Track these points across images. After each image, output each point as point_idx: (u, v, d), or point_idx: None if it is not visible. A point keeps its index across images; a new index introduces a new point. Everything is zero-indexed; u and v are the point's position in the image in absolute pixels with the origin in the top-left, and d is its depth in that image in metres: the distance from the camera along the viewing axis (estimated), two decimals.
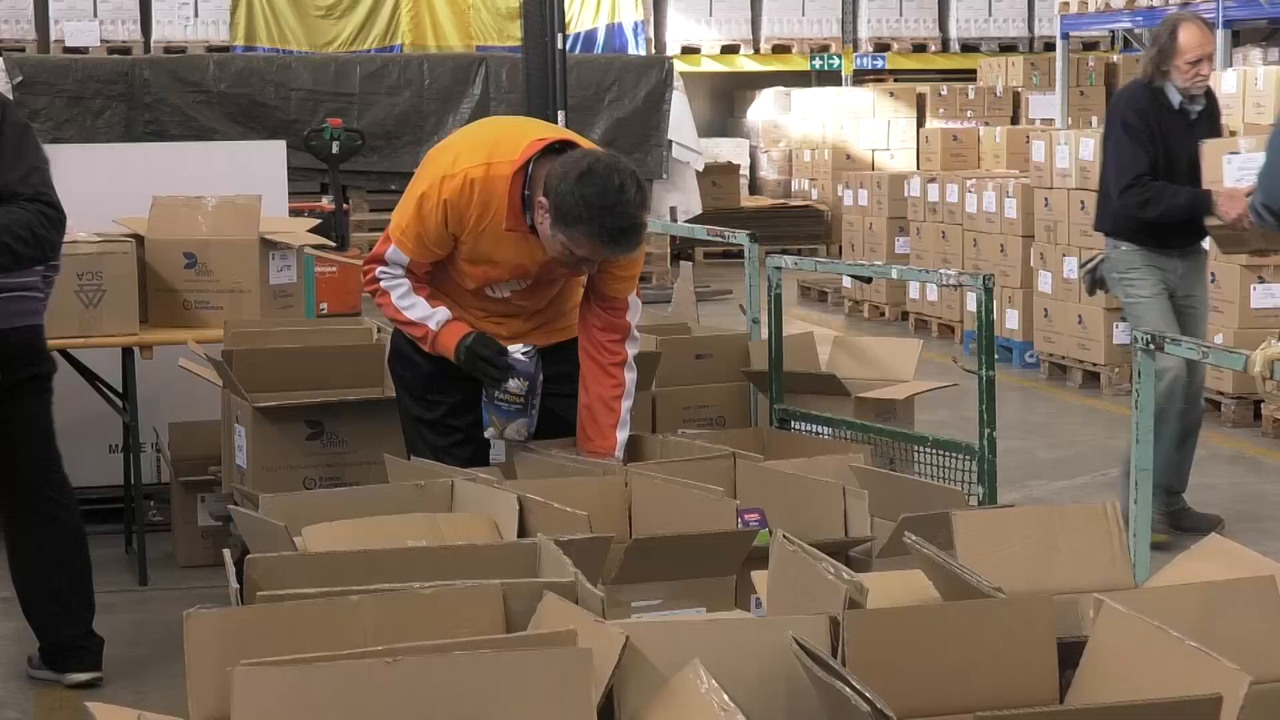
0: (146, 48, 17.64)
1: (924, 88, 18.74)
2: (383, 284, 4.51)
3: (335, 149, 12.22)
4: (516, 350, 4.50)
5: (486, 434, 4.55)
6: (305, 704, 2.34)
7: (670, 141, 14.08)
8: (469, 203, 4.33)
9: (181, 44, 17.67)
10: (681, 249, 15.83)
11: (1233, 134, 8.48)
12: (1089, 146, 9.81)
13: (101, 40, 17.55)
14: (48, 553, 4.88)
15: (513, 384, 4.47)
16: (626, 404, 4.53)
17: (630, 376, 4.56)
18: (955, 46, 19.86)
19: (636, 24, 19.08)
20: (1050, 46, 17.36)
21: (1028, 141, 11.24)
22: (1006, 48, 19.65)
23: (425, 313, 4.49)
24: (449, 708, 2.35)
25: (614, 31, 19.04)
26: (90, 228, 5.97)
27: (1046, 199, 10.30)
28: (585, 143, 4.47)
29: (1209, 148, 6.48)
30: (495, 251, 4.42)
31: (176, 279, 6.09)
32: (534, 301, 4.62)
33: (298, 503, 3.81)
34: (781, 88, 19.49)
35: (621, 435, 4.49)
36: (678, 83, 14.28)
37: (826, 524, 3.89)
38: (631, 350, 4.58)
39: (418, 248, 4.43)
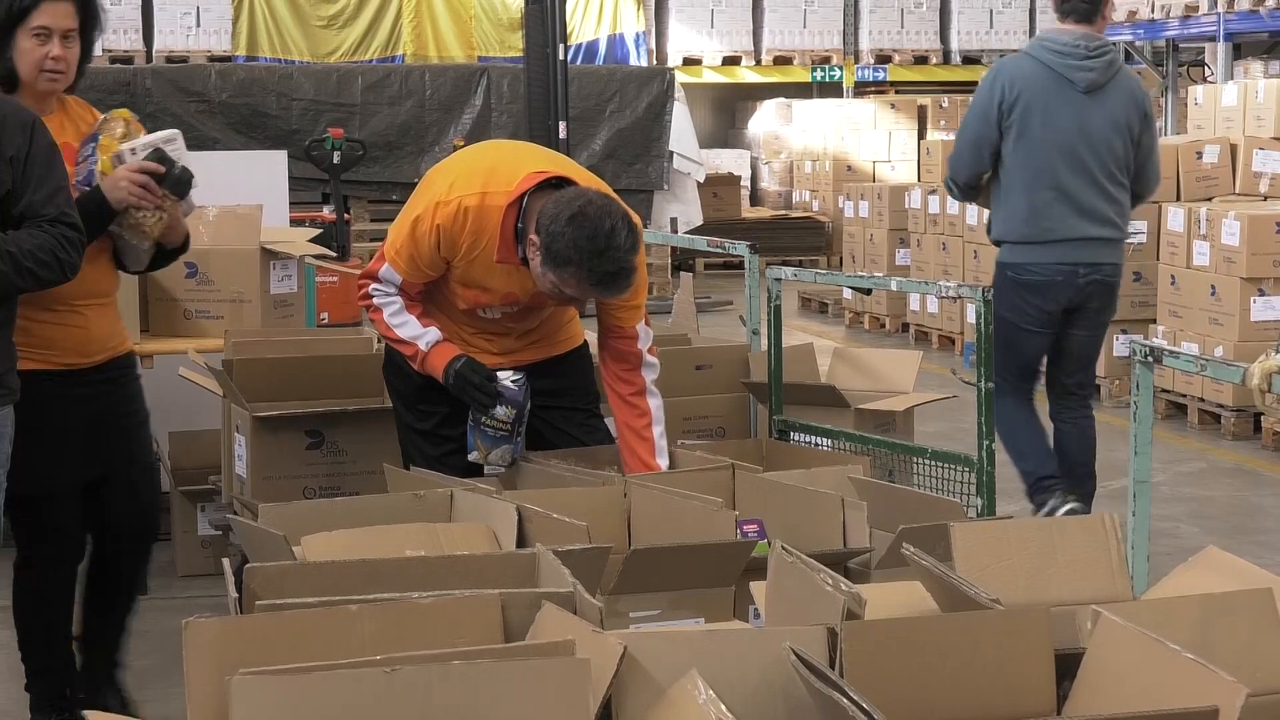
0: (148, 57, 17.65)
1: (925, 99, 18.75)
2: (375, 300, 4.54)
3: (336, 159, 12.22)
4: (506, 377, 4.50)
5: (470, 458, 4.53)
6: (303, 713, 2.34)
7: (671, 152, 14.09)
8: (462, 230, 4.35)
9: (183, 54, 17.69)
10: (682, 260, 15.85)
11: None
12: None
13: (103, 50, 17.53)
14: None
15: (500, 411, 4.46)
16: (658, 429, 4.56)
17: (654, 402, 4.59)
18: (956, 58, 19.86)
19: (638, 35, 19.10)
20: None
21: None
22: None
23: (416, 332, 4.51)
24: (447, 717, 2.36)
25: (615, 42, 19.06)
26: None
27: None
28: (584, 175, 4.47)
29: None
30: (486, 279, 4.43)
31: (177, 288, 6.09)
32: (525, 323, 4.63)
33: (297, 512, 3.82)
34: (783, 99, 19.50)
35: (663, 461, 4.53)
36: (679, 94, 14.29)
37: (825, 535, 3.89)
38: (649, 376, 4.61)
39: (410, 268, 4.45)
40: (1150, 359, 4.20)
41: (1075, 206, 6.13)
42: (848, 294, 13.48)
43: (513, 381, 4.50)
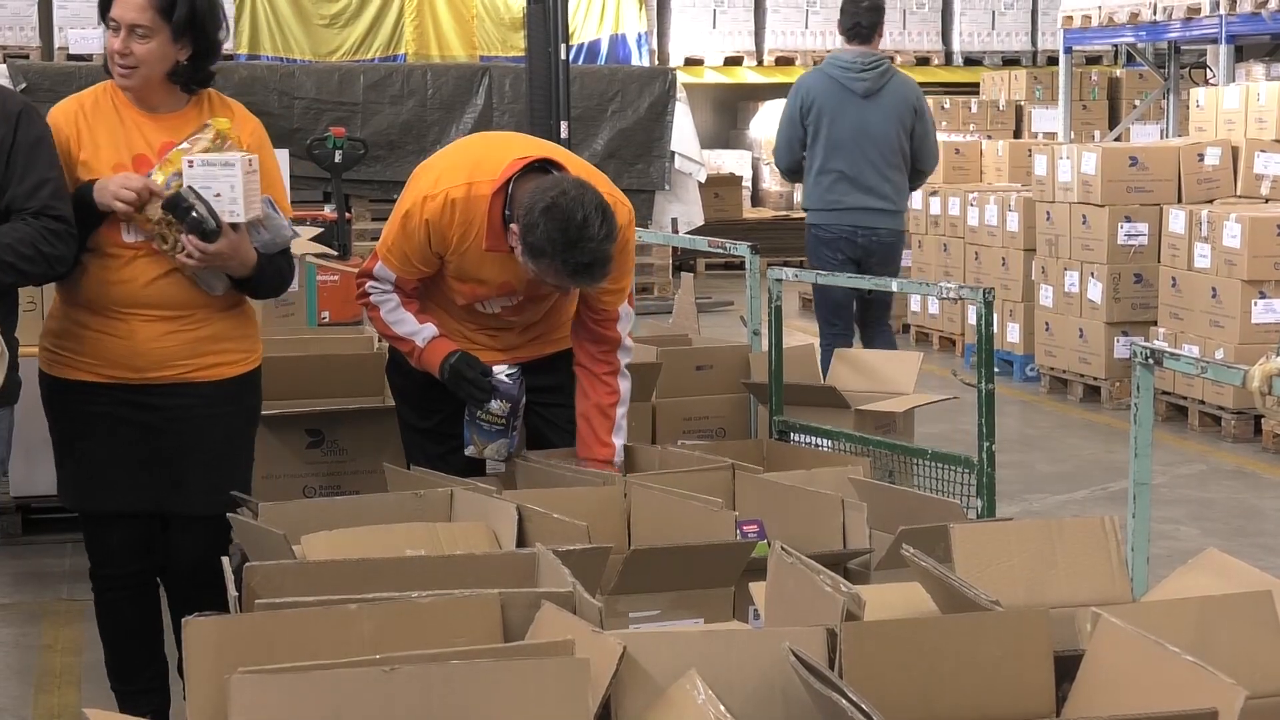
0: None
1: (927, 100, 18.72)
2: (372, 298, 4.55)
3: (338, 158, 12.21)
4: (501, 371, 4.51)
5: (467, 452, 4.55)
6: (302, 712, 2.34)
7: (673, 153, 14.07)
8: (450, 223, 4.35)
9: None
10: (683, 260, 15.84)
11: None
12: (1091, 160, 9.82)
13: (105, 48, 17.56)
14: None
15: (494, 405, 4.48)
16: (621, 410, 4.57)
17: (624, 384, 4.59)
18: (958, 60, 19.84)
19: (640, 35, 19.09)
20: (1053, 60, 17.37)
21: (1030, 155, 11.24)
22: (1009, 61, 19.63)
23: (412, 329, 4.52)
24: (446, 717, 2.36)
25: (617, 42, 19.04)
26: None
27: (1048, 213, 10.31)
28: (570, 159, 4.47)
29: None
30: (480, 270, 4.43)
31: None
32: (526, 316, 4.63)
33: (297, 511, 3.81)
34: (785, 100, 19.48)
35: (619, 440, 4.54)
36: (681, 94, 14.27)
37: (825, 536, 3.89)
38: (624, 359, 4.61)
39: (403, 265, 4.45)
40: (1151, 361, 4.20)
41: (855, 184, 8.21)
42: None
43: (507, 375, 4.51)
